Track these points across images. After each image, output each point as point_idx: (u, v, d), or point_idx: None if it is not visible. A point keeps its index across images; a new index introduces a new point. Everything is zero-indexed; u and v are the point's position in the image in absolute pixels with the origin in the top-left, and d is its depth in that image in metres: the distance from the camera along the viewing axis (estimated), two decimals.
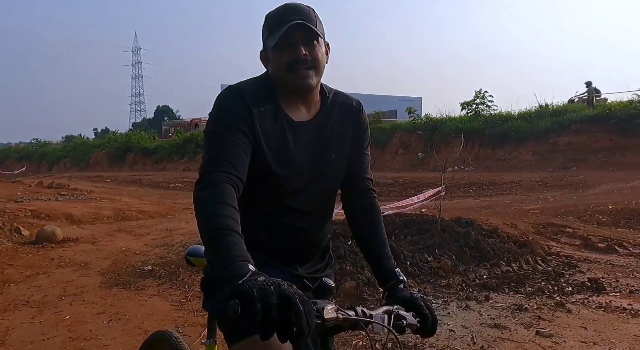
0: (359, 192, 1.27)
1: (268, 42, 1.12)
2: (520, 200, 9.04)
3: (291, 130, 1.15)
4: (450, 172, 12.97)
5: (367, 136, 1.29)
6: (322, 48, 1.14)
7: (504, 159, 14.83)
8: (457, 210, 7.27)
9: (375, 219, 1.25)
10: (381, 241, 1.22)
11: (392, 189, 12.23)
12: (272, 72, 1.16)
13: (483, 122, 16.63)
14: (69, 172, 26.07)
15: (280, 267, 1.17)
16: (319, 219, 1.24)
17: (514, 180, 11.68)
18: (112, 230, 7.02)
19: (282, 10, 1.11)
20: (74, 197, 11.01)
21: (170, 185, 15.93)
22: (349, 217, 1.29)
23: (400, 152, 17.43)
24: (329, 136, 1.20)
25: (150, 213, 8.73)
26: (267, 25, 1.13)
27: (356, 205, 1.27)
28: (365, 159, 1.28)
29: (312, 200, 1.20)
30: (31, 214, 7.76)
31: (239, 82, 1.16)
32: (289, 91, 1.15)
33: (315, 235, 1.24)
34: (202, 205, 0.96)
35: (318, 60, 1.12)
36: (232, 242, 0.87)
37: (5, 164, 33.70)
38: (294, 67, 1.10)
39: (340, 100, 1.24)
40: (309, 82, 1.12)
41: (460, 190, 11.16)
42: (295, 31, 1.08)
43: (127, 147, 27.49)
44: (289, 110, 1.16)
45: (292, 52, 1.09)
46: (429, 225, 4.91)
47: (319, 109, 1.20)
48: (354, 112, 1.26)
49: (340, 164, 1.22)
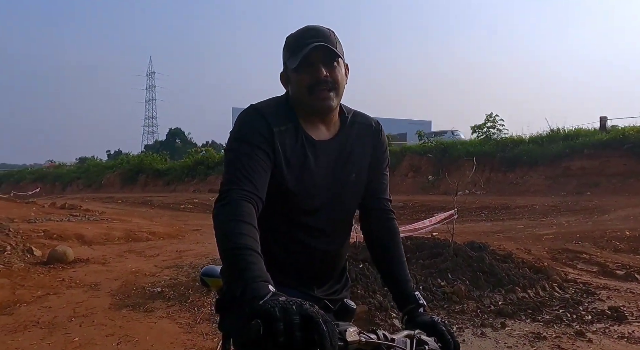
0: (378, 212, 1.25)
1: (289, 64, 1.13)
2: (534, 225, 8.89)
3: (311, 148, 1.15)
4: (461, 196, 12.86)
5: (387, 157, 1.29)
6: (342, 69, 1.15)
7: (515, 183, 14.68)
8: (469, 234, 7.16)
9: (394, 241, 1.23)
10: (400, 263, 1.20)
11: (403, 212, 12.12)
12: (292, 93, 1.17)
13: (494, 145, 16.59)
14: (81, 193, 26.39)
15: (298, 289, 1.16)
16: (337, 239, 1.23)
17: (526, 204, 11.52)
18: (123, 251, 7.03)
19: (303, 32, 1.13)
20: (85, 218, 11.09)
21: (181, 207, 16.00)
22: (367, 238, 1.27)
23: (410, 175, 17.38)
24: (349, 155, 1.20)
25: (161, 234, 8.74)
26: (288, 47, 1.14)
27: (375, 226, 1.25)
28: (384, 179, 1.27)
29: (331, 220, 1.19)
30: (44, 234, 7.82)
31: (260, 102, 1.17)
32: (309, 112, 1.16)
33: (333, 256, 1.22)
34: (221, 224, 0.95)
35: (338, 82, 1.13)
36: (251, 261, 0.86)
37: (20, 185, 34.25)
38: (314, 89, 1.11)
39: (359, 120, 1.25)
40: (329, 103, 1.12)
41: (471, 214, 11.02)
42: (316, 53, 1.09)
43: (139, 169, 27.83)
44: (309, 130, 1.16)
45: (312, 73, 1.10)
46: (441, 249, 4.84)
47: (338, 129, 1.21)
48: (373, 132, 1.26)
49: (359, 184, 1.21)
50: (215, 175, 22.28)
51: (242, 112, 1.15)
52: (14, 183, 36.18)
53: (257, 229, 0.95)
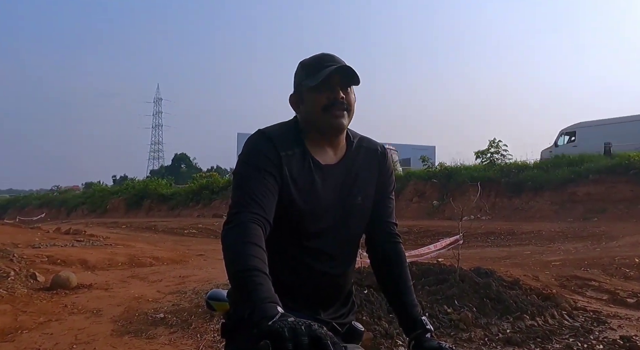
0: (384, 236, 1.26)
1: (306, 83, 1.16)
2: (541, 251, 8.77)
3: (318, 172, 1.17)
4: (466, 221, 12.75)
5: (392, 181, 1.31)
6: (354, 94, 1.20)
7: (521, 208, 14.57)
8: (475, 260, 7.07)
9: (400, 265, 1.23)
10: (406, 288, 1.20)
11: (408, 237, 12.01)
12: (304, 113, 1.20)
13: (498, 171, 16.57)
14: (86, 219, 26.42)
15: (304, 312, 1.15)
16: (343, 263, 1.23)
17: (533, 230, 11.40)
18: (126, 276, 6.98)
19: (321, 57, 1.18)
20: (90, 243, 11.07)
21: (185, 232, 15.95)
22: (373, 263, 1.27)
23: (415, 200, 17.32)
24: (355, 179, 1.22)
25: (164, 259, 8.69)
26: (306, 68, 1.18)
27: (381, 250, 1.26)
28: (390, 203, 1.29)
29: (337, 244, 1.20)
30: (47, 259, 7.81)
31: (267, 127, 1.20)
32: (320, 133, 1.19)
33: (339, 280, 1.23)
34: (229, 246, 0.97)
35: (351, 104, 1.18)
36: (259, 283, 0.87)
37: (26, 210, 34.38)
38: (330, 108, 1.14)
39: (365, 145, 1.28)
40: (342, 121, 1.16)
41: (477, 239, 10.90)
42: (336, 75, 1.14)
43: (143, 194, 27.92)
44: (316, 153, 1.19)
45: (330, 94, 1.14)
46: (447, 275, 4.78)
47: (344, 153, 1.23)
48: (379, 156, 1.28)
49: (365, 207, 1.23)
50: (219, 200, 22.30)
51: (250, 137, 1.18)
52: (20, 208, 36.35)
53: (265, 251, 0.96)
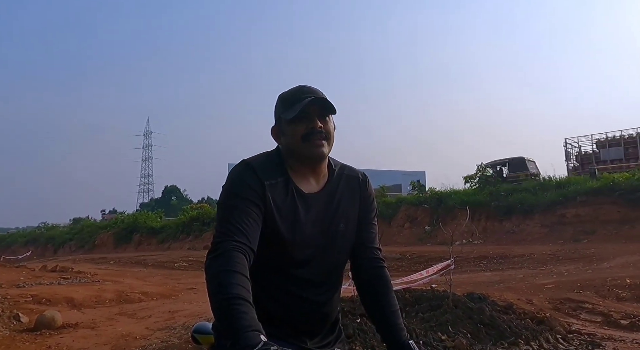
0: (368, 261, 1.27)
1: (284, 116, 1.20)
2: (534, 274, 8.76)
3: (301, 201, 1.19)
4: (458, 246, 12.74)
5: (374, 207, 1.34)
6: (333, 123, 1.23)
7: (512, 231, 14.66)
8: (468, 285, 7.03)
9: (385, 289, 1.24)
10: (392, 312, 1.20)
11: (401, 263, 11.94)
12: (285, 144, 1.23)
13: (488, 194, 16.75)
14: (74, 255, 25.82)
15: (290, 340, 1.16)
16: (328, 291, 1.24)
17: (524, 253, 11.42)
18: (114, 313, 6.79)
19: (299, 89, 1.22)
20: (77, 280, 10.80)
21: (175, 265, 15.66)
22: (359, 288, 1.28)
23: (406, 225, 17.33)
24: (337, 207, 1.24)
25: (154, 294, 8.49)
26: (284, 101, 1.22)
27: (365, 275, 1.27)
28: (372, 228, 1.31)
29: (322, 271, 1.21)
30: (32, 299, 7.58)
31: (251, 157, 1.23)
32: (301, 162, 1.21)
33: (324, 307, 1.23)
34: (213, 275, 0.97)
35: (330, 133, 1.21)
36: (243, 311, 0.88)
37: (12, 249, 33.50)
38: (309, 137, 1.17)
39: (346, 172, 1.30)
40: (322, 150, 1.19)
41: (470, 264, 10.87)
42: (313, 106, 1.18)
43: (133, 228, 27.50)
44: (299, 182, 1.21)
45: (308, 124, 1.18)
46: (440, 301, 4.74)
47: (326, 181, 1.26)
48: (360, 183, 1.31)
49: (348, 234, 1.25)
50: (210, 231, 22.03)
51: (234, 167, 1.21)
52: (5, 247, 35.40)
53: (248, 279, 0.97)
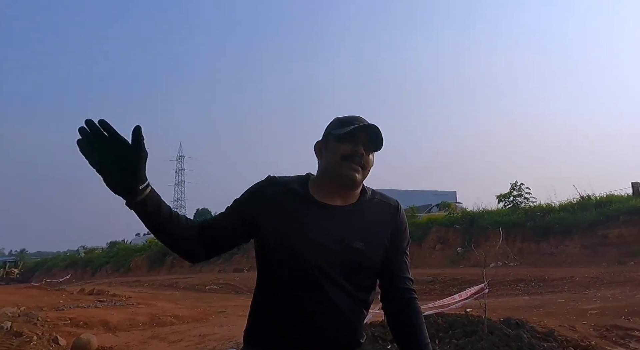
0: (398, 291, 1.25)
1: (334, 131, 1.23)
2: (576, 299, 8.30)
3: (315, 208, 1.21)
4: (493, 268, 12.28)
5: (407, 236, 1.32)
6: (373, 159, 1.26)
7: (550, 253, 13.99)
8: (505, 310, 6.74)
9: (415, 319, 1.21)
10: (422, 345, 1.17)
11: (433, 286, 11.60)
12: (324, 159, 1.26)
13: (523, 214, 16.14)
14: (110, 278, 26.55)
15: None
16: (346, 312, 1.19)
17: (565, 276, 10.86)
18: (146, 337, 6.89)
19: (357, 117, 1.28)
20: (112, 303, 11.08)
21: (206, 288, 15.81)
22: (388, 318, 1.26)
23: (438, 247, 16.88)
24: (361, 224, 1.22)
25: (185, 318, 8.59)
26: (339, 121, 1.27)
27: (395, 305, 1.25)
28: (404, 258, 1.29)
29: (337, 285, 1.17)
30: (70, 322, 7.82)
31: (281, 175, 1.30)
32: (333, 180, 1.23)
33: (340, 327, 1.18)
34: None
35: (368, 165, 1.24)
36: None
37: (53, 272, 34.83)
38: (349, 158, 1.20)
39: (378, 198, 1.31)
40: (355, 175, 1.20)
41: (506, 287, 10.43)
42: (365, 133, 1.22)
43: (166, 250, 27.92)
44: (320, 197, 1.23)
45: (353, 146, 1.21)
46: (475, 326, 4.56)
47: (356, 201, 1.26)
48: (392, 210, 1.29)
49: (369, 255, 1.21)
50: (240, 254, 22.21)
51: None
52: (47, 270, 36.88)
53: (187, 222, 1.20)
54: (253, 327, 1.25)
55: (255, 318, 1.25)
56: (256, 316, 1.25)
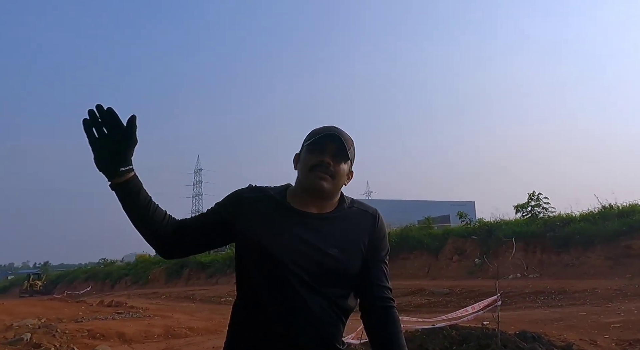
0: (376, 300, 1.25)
1: (305, 143, 1.29)
2: (598, 312, 8.03)
3: (289, 214, 1.25)
4: (512, 280, 11.99)
5: (385, 245, 1.32)
6: (345, 168, 1.27)
7: (572, 264, 13.59)
8: (523, 323, 6.57)
9: (392, 329, 1.21)
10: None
11: (450, 298, 11.39)
12: (298, 170, 1.31)
13: (542, 225, 15.76)
14: (129, 290, 26.89)
15: None
16: (322, 324, 1.19)
17: (586, 288, 10.53)
18: (160, 349, 6.96)
19: (329, 127, 1.31)
20: (129, 315, 11.24)
21: (222, 300, 15.85)
22: (367, 328, 1.26)
23: (455, 258, 16.59)
24: (334, 232, 1.24)
25: (200, 330, 8.64)
26: (312, 133, 1.31)
27: (372, 313, 1.25)
28: (383, 267, 1.29)
29: (310, 290, 1.18)
30: (87, 333, 7.96)
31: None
32: (304, 190, 1.26)
33: (315, 333, 1.17)
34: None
35: (338, 173, 1.25)
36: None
37: (74, 284, 35.47)
38: (315, 168, 1.23)
39: (357, 206, 1.32)
40: (322, 183, 1.22)
41: (525, 299, 10.17)
42: (330, 143, 1.25)
43: (183, 263, 28.30)
44: (297, 204, 1.27)
45: (318, 156, 1.24)
46: (489, 340, 4.47)
47: (332, 209, 1.28)
48: (370, 219, 1.30)
49: (342, 263, 1.21)
50: None
51: None
52: (69, 282, 37.58)
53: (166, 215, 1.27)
54: (232, 336, 1.27)
55: (235, 327, 1.27)
56: (235, 325, 1.27)
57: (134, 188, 1.20)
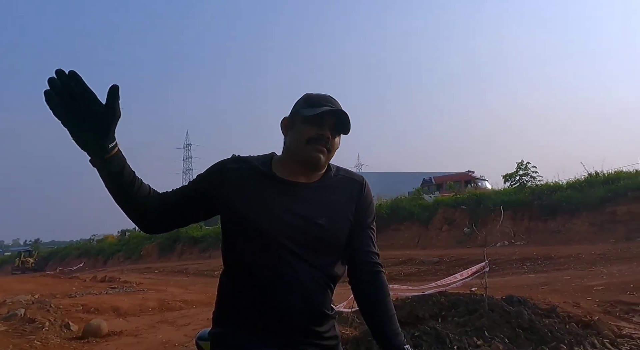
0: (365, 265, 1.25)
1: (302, 111, 1.22)
2: (582, 276, 8.29)
3: (274, 183, 1.22)
4: (500, 247, 12.29)
5: (372, 211, 1.32)
6: (339, 143, 1.25)
7: (558, 231, 13.94)
8: (510, 289, 6.76)
9: (382, 294, 1.22)
10: (389, 317, 1.18)
11: (439, 267, 11.65)
12: (290, 139, 1.25)
13: (530, 193, 16.04)
14: (122, 265, 27.03)
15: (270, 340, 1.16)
16: (312, 293, 1.19)
17: (571, 253, 10.83)
18: (155, 321, 7.04)
19: (326, 96, 1.25)
20: (123, 289, 11.32)
21: (215, 273, 16.02)
22: (355, 293, 1.26)
23: (445, 228, 16.89)
24: (322, 201, 1.23)
25: (194, 302, 8.74)
26: (307, 100, 1.25)
27: (361, 279, 1.25)
28: (370, 233, 1.29)
29: (299, 260, 1.18)
30: (82, 308, 8.00)
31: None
32: (296, 162, 1.23)
33: (305, 301, 1.18)
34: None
35: (334, 148, 1.23)
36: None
37: (66, 260, 35.52)
38: (313, 141, 1.20)
39: (342, 174, 1.31)
40: (320, 156, 1.20)
41: (512, 266, 10.45)
42: (332, 117, 1.21)
43: (175, 238, 28.42)
44: (283, 174, 1.24)
45: (319, 130, 1.20)
46: (477, 304, 4.58)
47: (319, 179, 1.27)
48: (356, 186, 1.30)
49: (331, 231, 1.22)
50: None
51: None
52: (61, 259, 37.62)
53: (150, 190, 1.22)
54: (221, 306, 1.26)
55: (223, 297, 1.27)
56: (223, 296, 1.26)
57: (119, 164, 1.12)
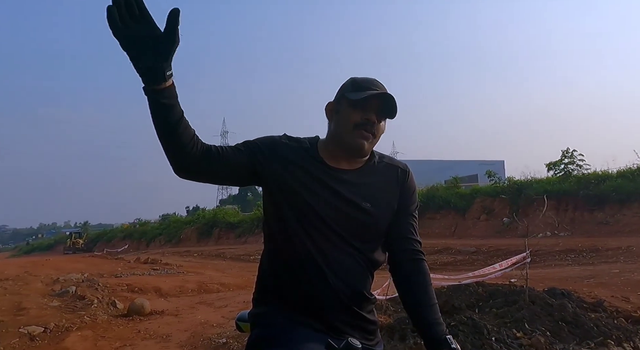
0: (406, 254, 1.23)
1: (348, 96, 1.20)
2: (632, 269, 7.83)
3: (323, 168, 1.21)
4: (541, 238, 11.80)
5: (415, 200, 1.31)
6: (384, 128, 1.24)
7: (605, 222, 13.22)
8: (552, 281, 6.50)
9: (422, 282, 1.19)
10: (430, 306, 1.16)
11: (476, 257, 11.37)
12: (335, 123, 1.24)
13: (575, 182, 15.26)
14: (162, 248, 28.18)
15: (306, 322, 1.15)
16: (351, 274, 1.19)
17: (620, 246, 10.25)
18: (194, 302, 7.29)
19: (373, 80, 1.23)
20: (164, 271, 11.79)
21: (251, 258, 16.40)
22: (396, 281, 1.24)
23: (482, 218, 16.43)
24: (366, 187, 1.22)
25: (230, 285, 8.99)
26: (354, 84, 1.23)
27: (402, 267, 1.23)
28: (412, 220, 1.28)
29: (341, 241, 1.18)
30: (127, 287, 8.43)
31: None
32: (341, 147, 1.22)
33: (344, 279, 1.17)
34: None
35: (379, 133, 1.22)
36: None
37: (112, 242, 37.47)
38: (360, 127, 1.18)
39: (387, 161, 1.30)
40: (364, 143, 1.19)
41: (555, 258, 10.03)
42: (379, 100, 1.19)
43: (213, 223, 29.29)
44: (328, 159, 1.23)
45: (365, 114, 1.18)
46: (517, 296, 4.43)
47: (362, 165, 1.26)
48: (400, 174, 1.29)
49: (375, 216, 1.21)
50: None
51: None
52: (107, 241, 39.71)
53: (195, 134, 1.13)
54: (261, 287, 1.27)
55: (263, 278, 1.27)
56: (264, 276, 1.27)
57: (173, 97, 1.06)
